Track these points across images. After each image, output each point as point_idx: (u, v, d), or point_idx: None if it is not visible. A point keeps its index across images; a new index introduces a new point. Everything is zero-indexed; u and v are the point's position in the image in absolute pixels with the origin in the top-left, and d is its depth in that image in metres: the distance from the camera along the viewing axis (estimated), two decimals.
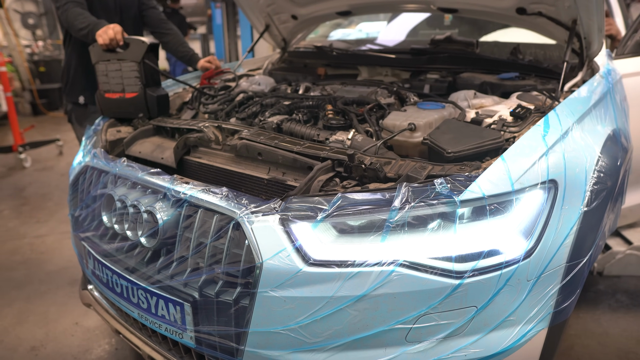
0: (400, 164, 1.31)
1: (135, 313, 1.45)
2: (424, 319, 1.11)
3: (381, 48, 2.82)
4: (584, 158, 1.37)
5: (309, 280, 1.11)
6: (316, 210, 1.15)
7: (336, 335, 1.13)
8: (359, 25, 4.24)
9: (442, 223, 1.13)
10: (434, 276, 1.10)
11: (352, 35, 3.90)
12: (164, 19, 2.80)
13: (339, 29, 3.85)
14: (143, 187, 1.46)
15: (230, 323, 1.21)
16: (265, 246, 1.14)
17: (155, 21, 2.77)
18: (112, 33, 2.01)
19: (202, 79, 2.47)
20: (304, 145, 1.41)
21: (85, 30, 2.22)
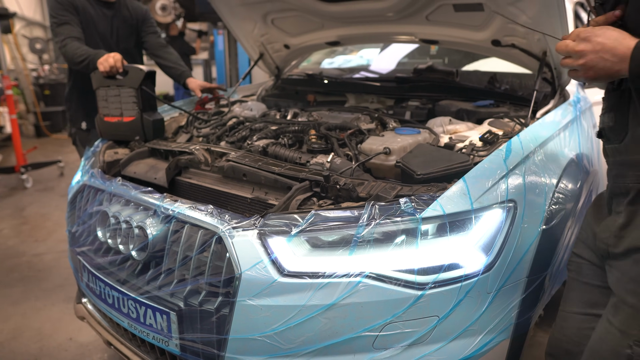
0: (372, 185, 1.41)
1: (125, 322, 1.54)
2: (390, 327, 1.20)
3: (368, 76, 2.96)
4: (544, 180, 1.48)
5: (284, 289, 1.21)
6: (291, 225, 1.25)
7: (308, 342, 1.22)
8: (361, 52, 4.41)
9: (405, 238, 1.23)
10: (397, 287, 1.19)
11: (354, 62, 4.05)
12: (163, 44, 2.95)
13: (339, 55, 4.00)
14: (135, 205, 1.57)
15: (212, 330, 1.30)
16: (244, 258, 1.24)
17: (155, 46, 2.93)
18: (112, 61, 2.15)
19: (197, 105, 2.60)
20: (284, 167, 1.53)
21: (85, 61, 2.36)
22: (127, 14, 2.85)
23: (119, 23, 2.82)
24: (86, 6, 2.71)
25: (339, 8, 2.31)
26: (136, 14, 2.88)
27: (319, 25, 2.56)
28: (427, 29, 2.27)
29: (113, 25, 2.80)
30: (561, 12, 1.77)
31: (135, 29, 2.90)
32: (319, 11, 2.39)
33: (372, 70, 3.32)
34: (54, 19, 2.62)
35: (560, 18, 1.79)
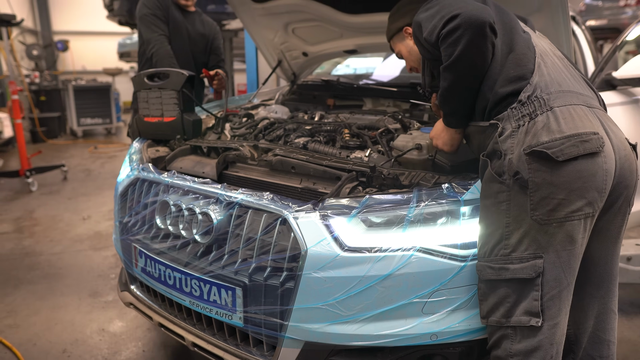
0: (412, 174, 1.61)
1: (186, 301, 1.70)
2: (437, 294, 1.39)
3: (382, 82, 3.17)
4: None
5: (345, 263, 1.39)
6: (349, 208, 1.44)
7: (366, 309, 1.40)
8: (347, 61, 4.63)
9: (449, 218, 1.42)
10: (444, 259, 1.39)
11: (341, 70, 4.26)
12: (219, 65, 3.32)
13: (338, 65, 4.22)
14: (194, 194, 1.74)
15: (276, 302, 1.48)
16: (309, 237, 1.42)
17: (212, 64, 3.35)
18: None
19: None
20: (331, 160, 1.71)
21: None
22: (200, 28, 3.24)
23: (188, 32, 3.17)
24: (175, 16, 3.10)
25: (361, 19, 2.52)
26: (210, 30, 3.30)
27: (338, 34, 2.77)
28: None
29: (182, 33, 3.15)
30: (566, 26, 2.00)
31: (205, 40, 3.27)
32: (340, 22, 2.60)
33: (375, 78, 3.53)
34: (150, 30, 3.02)
35: (565, 29, 2.02)
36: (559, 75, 1.38)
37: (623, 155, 1.32)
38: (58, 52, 10.20)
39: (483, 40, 1.30)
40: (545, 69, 1.38)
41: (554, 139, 1.26)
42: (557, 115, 1.29)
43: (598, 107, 1.38)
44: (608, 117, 1.39)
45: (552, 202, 1.26)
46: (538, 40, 1.48)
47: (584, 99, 1.36)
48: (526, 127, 1.30)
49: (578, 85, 1.41)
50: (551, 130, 1.27)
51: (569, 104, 1.31)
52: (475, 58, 1.32)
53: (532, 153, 1.26)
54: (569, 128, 1.27)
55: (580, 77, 1.47)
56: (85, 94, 8.67)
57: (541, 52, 1.42)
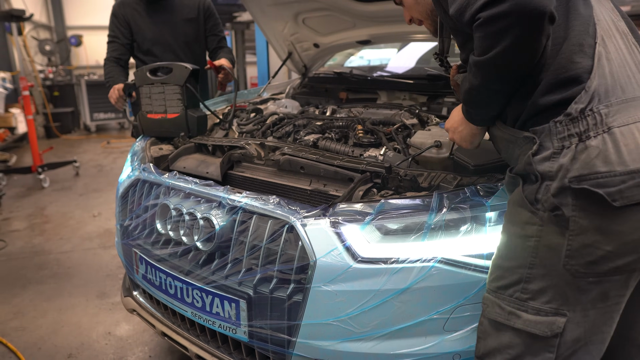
0: (432, 175, 1.47)
1: (188, 312, 1.59)
2: (460, 310, 1.25)
3: (397, 74, 3.01)
4: None
5: (358, 275, 1.26)
6: (363, 214, 1.31)
7: (382, 325, 1.27)
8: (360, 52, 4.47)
9: (473, 225, 1.28)
10: (468, 271, 1.25)
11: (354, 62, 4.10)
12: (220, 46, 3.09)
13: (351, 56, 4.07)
14: (196, 197, 1.62)
15: (283, 317, 1.35)
16: (318, 246, 1.29)
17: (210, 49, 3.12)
18: (114, 96, 2.57)
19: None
20: (343, 160, 1.58)
21: (108, 84, 2.76)
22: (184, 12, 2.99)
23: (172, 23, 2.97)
24: (135, 17, 2.91)
25: (374, 8, 2.36)
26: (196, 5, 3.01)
27: (351, 24, 2.62)
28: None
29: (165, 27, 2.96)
30: None
31: (196, 23, 3.02)
32: (353, 11, 2.45)
33: (390, 70, 3.37)
34: (108, 34, 2.96)
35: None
36: (623, 71, 1.04)
37: None
38: (71, 47, 10.19)
39: (538, 36, 0.96)
40: (607, 64, 1.03)
41: (612, 173, 0.96)
42: (616, 140, 0.97)
43: None
44: None
45: (595, 253, 0.99)
46: (600, 8, 1.11)
47: None
48: (573, 152, 0.99)
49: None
50: (609, 160, 0.96)
51: (634, 122, 0.99)
52: (522, 58, 1.00)
53: (582, 189, 0.97)
54: (633, 160, 0.96)
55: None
56: (98, 89, 8.63)
57: (603, 33, 1.06)
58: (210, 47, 3.10)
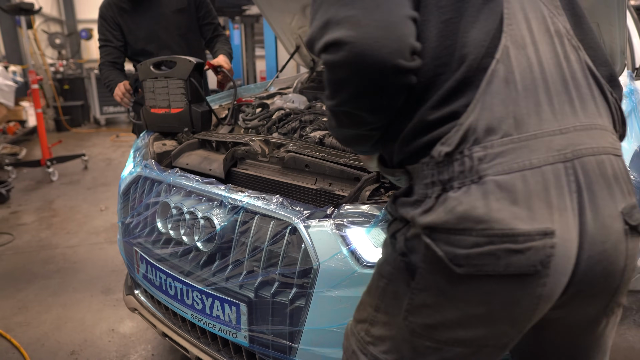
0: None
1: (188, 314, 1.54)
2: None
3: None
4: None
5: (363, 280, 1.19)
6: (369, 216, 1.24)
7: None
8: None
9: None
10: None
11: None
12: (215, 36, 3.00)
13: None
14: (198, 196, 1.57)
15: (285, 322, 1.30)
16: (322, 249, 1.23)
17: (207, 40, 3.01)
18: (119, 93, 2.55)
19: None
20: (349, 158, 1.52)
21: (109, 88, 2.72)
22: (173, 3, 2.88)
23: (163, 16, 2.86)
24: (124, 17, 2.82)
25: None
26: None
27: None
28: None
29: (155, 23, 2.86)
30: (620, 1, 1.74)
31: (187, 13, 2.91)
32: None
33: None
34: (99, 38, 2.89)
35: (618, 8, 1.76)
36: (529, 96, 0.79)
37: (600, 250, 0.78)
38: (82, 40, 10.20)
39: (383, 92, 0.78)
40: (504, 88, 0.79)
41: (467, 232, 0.75)
42: (487, 193, 0.75)
43: (599, 151, 0.80)
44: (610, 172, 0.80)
45: (434, 317, 0.82)
46: (523, 2, 0.85)
47: (567, 143, 0.78)
48: (433, 203, 0.79)
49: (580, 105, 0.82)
50: (468, 217, 0.75)
51: (520, 169, 0.76)
52: (371, 111, 0.82)
53: (433, 242, 0.79)
54: (500, 220, 0.74)
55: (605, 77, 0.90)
56: None
57: (513, 43, 0.81)
58: (206, 36, 2.99)
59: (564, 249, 0.75)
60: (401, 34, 0.74)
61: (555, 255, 0.75)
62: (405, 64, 0.75)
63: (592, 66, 0.87)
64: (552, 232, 0.74)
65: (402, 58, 0.74)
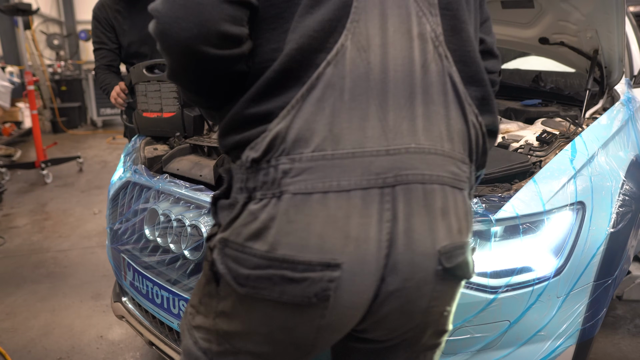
0: None
1: (174, 323, 1.51)
2: (460, 332, 1.16)
3: None
4: (610, 182, 1.43)
5: None
6: None
7: None
8: None
9: (477, 240, 1.19)
10: (469, 290, 1.15)
11: None
12: None
13: None
14: (186, 202, 1.54)
15: None
16: None
17: None
18: (115, 94, 2.52)
19: None
20: None
21: (105, 91, 2.73)
22: None
23: None
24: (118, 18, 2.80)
25: None
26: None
27: None
28: None
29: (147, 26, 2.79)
30: (619, 8, 1.73)
31: None
32: None
33: None
34: (93, 41, 2.87)
35: (617, 15, 1.75)
36: (358, 107, 0.70)
37: (399, 287, 0.71)
38: (81, 41, 10.18)
39: (195, 73, 0.74)
40: (330, 95, 0.70)
41: (253, 251, 0.70)
42: (283, 210, 0.69)
43: (432, 180, 0.71)
44: (438, 205, 0.71)
45: (231, 325, 0.79)
46: None
47: (392, 167, 0.69)
48: (238, 210, 0.73)
49: (423, 124, 0.72)
50: (257, 234, 0.69)
51: (328, 190, 0.68)
52: (189, 86, 0.79)
53: (220, 257, 0.76)
54: (285, 244, 0.68)
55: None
56: None
57: (355, 42, 0.71)
58: None
59: (351, 284, 0.68)
60: (205, 18, 0.67)
61: (339, 289, 0.68)
62: (211, 51, 0.68)
63: (458, 82, 0.76)
64: (337, 264, 0.67)
65: (205, 44, 0.68)
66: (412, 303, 0.72)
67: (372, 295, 0.70)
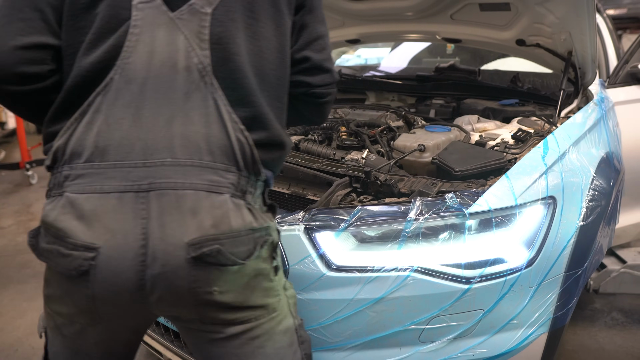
0: (412, 181, 1.43)
1: (161, 318, 1.54)
2: (436, 321, 1.22)
3: (387, 74, 2.97)
4: (580, 177, 1.50)
5: (332, 284, 1.22)
6: (338, 220, 1.26)
7: (355, 335, 1.23)
8: (358, 51, 4.43)
9: (452, 233, 1.24)
10: (445, 281, 1.21)
11: (352, 61, 4.07)
12: None
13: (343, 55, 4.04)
14: None
15: None
16: (292, 253, 1.25)
17: None
18: None
19: None
20: (322, 163, 1.54)
21: None
22: None
23: None
24: None
25: (363, 6, 2.32)
26: None
27: (340, 22, 2.58)
28: (450, 27, 2.29)
29: None
30: (590, 12, 1.79)
31: None
32: (342, 9, 2.41)
33: (382, 70, 3.34)
34: None
35: (589, 18, 1.81)
36: (129, 126, 0.88)
37: (160, 272, 0.86)
38: None
39: (5, 102, 0.95)
40: (96, 117, 0.88)
41: (46, 230, 0.91)
42: (62, 205, 0.88)
43: (185, 187, 0.87)
44: (188, 206, 0.86)
45: (46, 290, 0.99)
46: (153, 34, 0.90)
47: (147, 176, 0.86)
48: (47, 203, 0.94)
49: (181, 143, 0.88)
50: (46, 219, 0.90)
51: (94, 192, 0.87)
52: (10, 107, 0.99)
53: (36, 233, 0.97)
54: (62, 228, 0.87)
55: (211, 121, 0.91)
56: None
57: (119, 82, 0.88)
58: None
59: (107, 264, 0.86)
60: (3, 63, 0.87)
61: (98, 267, 0.86)
62: (11, 88, 0.90)
63: (222, 105, 0.91)
64: (94, 248, 0.85)
65: (6, 84, 0.89)
66: (175, 284, 0.88)
67: (135, 278, 0.87)
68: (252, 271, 0.93)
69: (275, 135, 0.98)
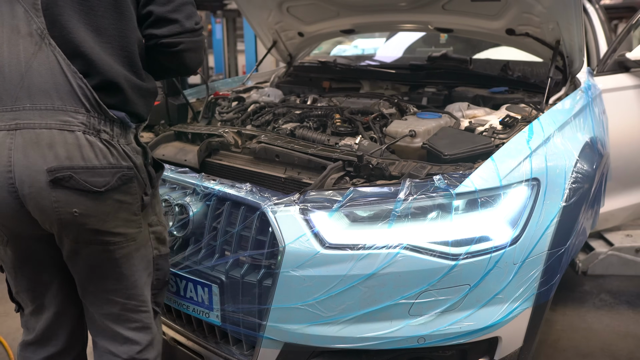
0: (402, 164, 1.49)
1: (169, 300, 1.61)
2: (425, 295, 1.29)
3: (381, 64, 3.02)
4: (564, 160, 1.56)
5: (326, 261, 1.29)
6: (332, 201, 1.33)
7: (348, 310, 1.30)
8: (355, 42, 4.47)
9: (440, 213, 1.31)
10: (433, 257, 1.28)
11: (349, 51, 4.11)
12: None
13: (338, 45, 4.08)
14: (172, 184, 1.64)
15: (254, 301, 1.38)
16: (287, 232, 1.31)
17: None
18: None
19: None
20: (317, 148, 1.60)
21: None
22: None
23: None
24: None
25: None
26: None
27: (335, 13, 2.62)
28: (442, 17, 2.34)
29: None
30: (576, 1, 1.85)
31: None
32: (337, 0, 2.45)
33: (377, 59, 3.38)
34: None
35: (575, 8, 1.87)
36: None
37: (28, 192, 1.08)
38: None
39: None
40: None
41: None
42: None
43: (42, 127, 1.09)
44: (45, 142, 1.08)
45: None
46: None
47: (14, 118, 1.09)
48: None
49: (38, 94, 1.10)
50: None
51: None
52: None
53: None
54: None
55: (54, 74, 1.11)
56: None
57: None
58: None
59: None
60: None
61: None
62: None
63: (61, 59, 1.10)
64: None
65: None
66: (40, 203, 1.09)
67: (11, 197, 1.09)
68: (112, 201, 1.14)
69: (113, 78, 1.13)
